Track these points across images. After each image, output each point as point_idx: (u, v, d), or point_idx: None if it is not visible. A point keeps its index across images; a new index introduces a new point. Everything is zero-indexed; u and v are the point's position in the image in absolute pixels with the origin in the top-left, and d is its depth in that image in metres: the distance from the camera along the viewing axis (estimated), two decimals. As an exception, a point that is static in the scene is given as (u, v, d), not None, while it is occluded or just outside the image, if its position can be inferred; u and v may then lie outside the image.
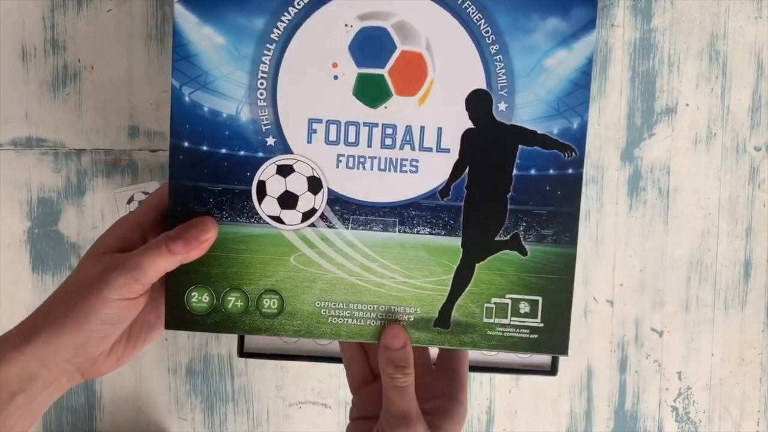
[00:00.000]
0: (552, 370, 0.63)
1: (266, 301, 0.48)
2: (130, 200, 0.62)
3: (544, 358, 0.63)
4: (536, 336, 0.48)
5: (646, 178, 0.65)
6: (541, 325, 0.48)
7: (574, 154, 0.47)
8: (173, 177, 0.47)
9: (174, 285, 0.47)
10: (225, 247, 0.47)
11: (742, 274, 0.66)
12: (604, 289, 0.66)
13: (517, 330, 0.48)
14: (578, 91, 0.47)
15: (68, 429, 0.65)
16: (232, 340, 0.64)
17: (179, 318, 0.48)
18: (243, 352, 0.62)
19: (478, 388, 0.66)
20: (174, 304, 0.48)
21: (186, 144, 0.47)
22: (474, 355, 0.63)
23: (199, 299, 0.48)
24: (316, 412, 0.66)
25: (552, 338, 0.49)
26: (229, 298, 0.48)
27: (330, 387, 0.66)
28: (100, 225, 0.64)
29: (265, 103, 0.47)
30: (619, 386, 0.66)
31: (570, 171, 0.47)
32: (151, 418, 0.65)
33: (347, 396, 0.65)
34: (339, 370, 0.66)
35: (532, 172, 0.47)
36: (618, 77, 0.64)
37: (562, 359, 0.64)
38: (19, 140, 0.63)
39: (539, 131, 0.47)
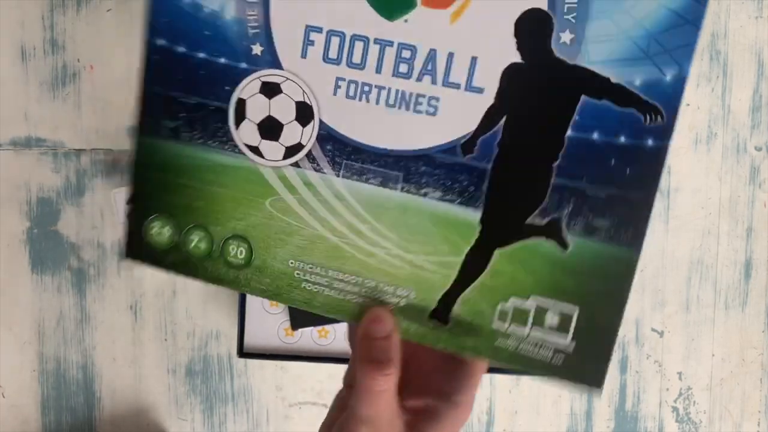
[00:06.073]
0: (552, 370, 0.63)
1: (232, 248, 0.40)
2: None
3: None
4: (561, 360, 0.36)
5: (647, 178, 0.65)
6: (572, 344, 0.36)
7: (659, 118, 0.34)
8: (147, 82, 0.39)
9: (136, 211, 0.41)
10: (192, 175, 0.39)
11: (743, 274, 0.66)
12: (604, 289, 0.66)
13: (537, 348, 0.37)
14: (682, 28, 0.33)
15: (68, 429, 0.65)
16: (231, 339, 0.64)
17: (137, 250, 0.41)
18: (243, 353, 0.62)
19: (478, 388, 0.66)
20: (134, 233, 0.41)
21: (162, 42, 0.38)
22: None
23: (159, 231, 0.40)
24: (316, 412, 0.66)
25: (583, 365, 0.36)
26: (192, 237, 0.40)
27: (330, 387, 0.66)
28: (99, 225, 0.64)
29: (255, 0, 0.37)
30: (619, 386, 0.66)
31: (650, 142, 0.34)
32: (150, 419, 0.65)
33: (347, 396, 0.65)
34: (339, 370, 0.66)
35: (594, 136, 0.34)
36: (618, 77, 0.64)
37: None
38: (18, 140, 0.63)
39: (614, 79, 0.33)
